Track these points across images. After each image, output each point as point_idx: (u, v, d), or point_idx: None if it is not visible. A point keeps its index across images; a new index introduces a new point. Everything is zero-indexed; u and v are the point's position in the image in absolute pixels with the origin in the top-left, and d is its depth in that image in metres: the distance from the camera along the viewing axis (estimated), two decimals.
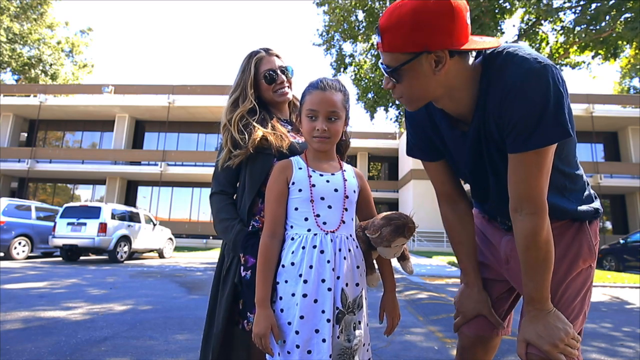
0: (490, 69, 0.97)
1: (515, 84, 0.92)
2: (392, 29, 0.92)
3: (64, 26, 30.94)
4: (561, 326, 1.01)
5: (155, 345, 2.93)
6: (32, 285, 5.76)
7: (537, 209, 0.98)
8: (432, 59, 0.93)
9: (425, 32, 0.90)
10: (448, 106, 1.06)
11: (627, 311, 5.10)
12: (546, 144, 0.92)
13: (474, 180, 1.21)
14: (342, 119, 1.23)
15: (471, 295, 1.27)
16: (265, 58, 1.53)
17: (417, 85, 0.98)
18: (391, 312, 1.28)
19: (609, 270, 11.82)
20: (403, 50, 0.93)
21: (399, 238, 1.14)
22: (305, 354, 1.08)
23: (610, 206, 21.95)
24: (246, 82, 1.49)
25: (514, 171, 0.98)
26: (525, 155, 0.95)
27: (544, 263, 1.00)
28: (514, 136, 0.95)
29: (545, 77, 0.90)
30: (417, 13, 0.89)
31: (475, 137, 1.06)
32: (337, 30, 11.96)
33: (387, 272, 1.30)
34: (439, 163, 1.22)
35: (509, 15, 9.49)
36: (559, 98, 0.91)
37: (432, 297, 5.59)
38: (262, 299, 1.12)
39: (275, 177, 1.23)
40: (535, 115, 0.91)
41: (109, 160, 21.98)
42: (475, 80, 1.00)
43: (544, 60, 0.93)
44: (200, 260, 12.44)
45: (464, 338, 1.29)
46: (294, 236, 1.18)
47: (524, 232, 1.00)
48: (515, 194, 1.00)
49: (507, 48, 0.99)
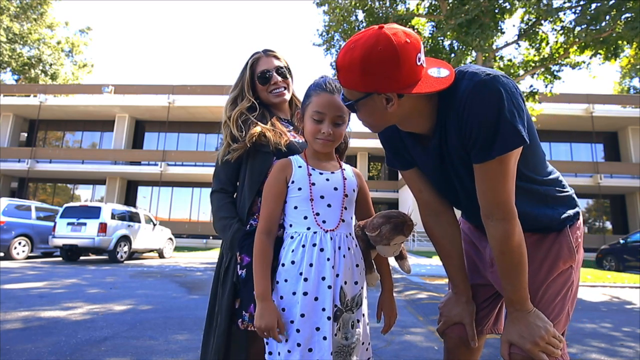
0: (446, 91, 1.01)
1: (468, 96, 0.96)
2: (345, 69, 0.97)
3: (63, 26, 30.97)
4: (541, 324, 1.04)
5: (155, 345, 2.93)
6: (32, 285, 5.76)
7: (506, 215, 1.02)
8: (382, 98, 0.98)
9: (373, 78, 0.94)
10: (409, 129, 1.12)
11: (627, 311, 5.10)
12: (506, 151, 0.95)
13: (444, 191, 1.24)
14: (346, 123, 1.24)
15: (458, 304, 1.28)
16: (263, 59, 1.54)
17: (372, 116, 1.05)
18: (388, 311, 1.29)
19: (609, 270, 11.83)
20: (356, 89, 0.99)
21: (398, 236, 1.15)
22: (306, 352, 1.08)
23: (610, 206, 21.97)
24: (244, 82, 1.52)
25: (481, 181, 1.03)
26: (488, 165, 0.98)
27: (519, 265, 1.04)
28: (476, 147, 0.98)
29: (495, 86, 0.94)
30: (365, 60, 0.92)
31: (438, 153, 1.10)
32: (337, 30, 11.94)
33: (385, 272, 1.31)
34: (412, 171, 1.25)
35: (509, 15, 9.48)
36: (513, 105, 0.94)
37: (432, 297, 5.59)
38: (262, 292, 1.12)
39: (275, 175, 1.23)
40: (491, 123, 0.94)
41: (109, 160, 21.99)
42: (432, 106, 1.05)
43: (494, 72, 0.97)
44: (200, 260, 12.44)
45: (449, 340, 1.31)
46: (293, 235, 1.18)
47: (496, 238, 1.04)
48: (484, 202, 1.05)
49: (458, 68, 1.03)
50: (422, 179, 1.25)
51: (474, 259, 1.34)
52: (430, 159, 1.13)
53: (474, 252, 1.35)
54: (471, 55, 10.98)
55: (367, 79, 0.94)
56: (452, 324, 1.29)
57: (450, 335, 1.30)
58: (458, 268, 1.26)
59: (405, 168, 1.25)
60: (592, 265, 12.86)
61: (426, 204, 1.27)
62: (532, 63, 10.75)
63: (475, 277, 1.32)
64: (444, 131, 1.05)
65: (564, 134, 22.40)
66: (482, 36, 8.87)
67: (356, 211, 1.32)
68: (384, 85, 0.95)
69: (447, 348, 1.32)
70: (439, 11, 10.72)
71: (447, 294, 1.36)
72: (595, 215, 22.32)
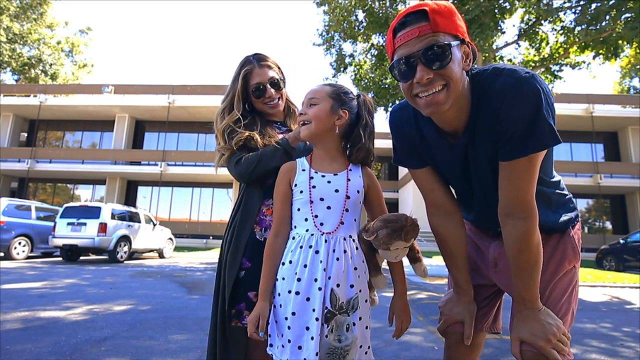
0: (481, 83, 1.02)
1: (509, 91, 0.96)
2: (443, 12, 0.95)
3: (63, 26, 30.93)
4: (552, 322, 1.05)
5: (155, 345, 2.93)
6: (32, 285, 5.76)
7: (528, 214, 1.03)
8: (464, 50, 0.99)
9: (462, 24, 0.98)
10: (448, 116, 1.06)
11: (627, 311, 5.09)
12: (539, 149, 0.97)
13: (458, 190, 1.24)
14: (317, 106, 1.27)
15: (460, 303, 1.28)
16: (255, 70, 1.51)
17: (458, 72, 0.97)
18: (400, 314, 1.26)
19: (609, 270, 11.82)
20: (454, 32, 0.96)
21: (397, 241, 1.12)
22: (295, 349, 1.11)
23: (610, 206, 21.95)
24: (234, 93, 1.50)
25: (507, 178, 1.03)
26: (518, 163, 0.99)
27: (535, 264, 1.06)
28: (510, 144, 0.98)
29: (534, 84, 0.95)
30: (454, 9, 0.98)
31: (463, 151, 1.10)
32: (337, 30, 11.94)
33: (396, 274, 1.28)
34: (426, 170, 1.23)
35: (509, 15, 9.47)
36: (548, 105, 0.96)
37: (432, 297, 5.59)
38: (262, 291, 1.19)
39: (280, 178, 1.28)
40: (529, 119, 0.95)
41: (109, 160, 21.97)
42: (467, 93, 1.04)
43: (531, 71, 0.98)
44: (200, 260, 12.45)
45: (449, 336, 1.31)
46: (294, 236, 1.22)
47: (516, 236, 1.05)
48: (506, 200, 1.05)
49: (494, 65, 1.05)
50: (434, 178, 1.24)
51: (475, 259, 1.34)
52: (455, 156, 1.13)
53: (475, 253, 1.35)
54: None
55: (461, 24, 0.97)
56: (453, 322, 1.29)
57: (450, 331, 1.30)
58: (462, 268, 1.26)
59: (420, 166, 1.24)
60: (592, 265, 12.85)
61: (436, 204, 1.26)
62: (532, 63, 10.74)
63: (475, 278, 1.32)
64: (474, 128, 1.05)
65: (564, 134, 22.17)
66: (482, 36, 8.87)
67: (368, 212, 1.32)
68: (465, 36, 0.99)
69: (447, 345, 1.33)
70: None
71: (448, 293, 1.36)
72: (595, 215, 22.31)
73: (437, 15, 0.94)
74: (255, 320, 1.15)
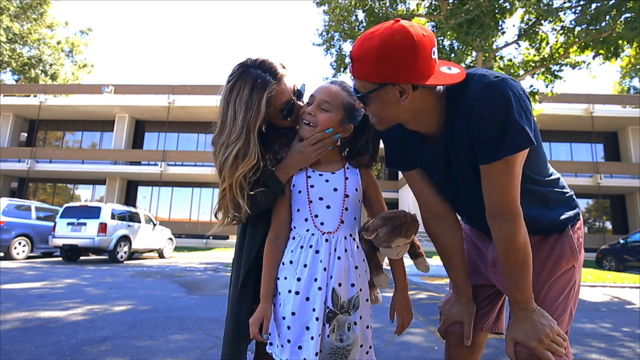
0: (454, 89, 1.03)
1: (477, 97, 0.97)
2: (360, 59, 0.97)
3: (63, 26, 30.95)
4: (545, 322, 1.05)
5: (155, 345, 2.93)
6: (32, 285, 5.76)
7: (512, 215, 1.03)
8: (396, 90, 0.99)
9: (389, 67, 0.95)
10: (416, 128, 1.12)
11: (627, 311, 5.09)
12: (513, 152, 0.97)
13: (447, 193, 1.24)
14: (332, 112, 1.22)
15: (458, 304, 1.29)
16: (278, 90, 1.20)
17: (383, 110, 1.05)
18: (401, 311, 1.26)
19: (609, 270, 11.82)
20: (370, 80, 0.99)
21: (397, 238, 1.12)
22: (295, 349, 1.11)
23: (610, 206, 21.96)
24: (252, 125, 1.15)
25: (487, 181, 1.04)
26: (495, 166, 1.00)
27: (524, 265, 1.06)
28: (484, 148, 0.99)
29: (503, 88, 0.95)
30: (383, 48, 0.93)
31: (444, 155, 1.11)
32: (337, 30, 11.94)
33: (397, 271, 1.28)
34: (416, 172, 1.24)
35: (509, 15, 9.48)
36: (521, 107, 0.96)
37: (432, 297, 5.59)
38: (264, 294, 1.19)
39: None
40: (500, 123, 0.95)
41: (109, 160, 21.98)
42: (441, 105, 1.06)
43: (502, 75, 0.99)
44: (200, 260, 12.44)
45: (450, 337, 1.32)
46: (295, 236, 1.22)
47: (502, 238, 1.06)
48: (490, 203, 1.06)
49: (467, 70, 1.05)
50: (423, 180, 1.24)
51: (475, 259, 1.35)
52: (437, 160, 1.14)
53: (474, 253, 1.35)
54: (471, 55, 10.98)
55: (383, 69, 0.95)
56: (453, 322, 1.29)
57: (451, 331, 1.30)
58: (459, 269, 1.26)
59: (409, 169, 1.25)
60: (592, 265, 12.85)
61: (427, 205, 1.26)
62: (532, 63, 10.75)
63: (475, 278, 1.32)
64: (452, 131, 1.06)
65: (564, 134, 22.39)
66: (482, 36, 8.87)
67: (368, 210, 1.32)
68: (399, 76, 0.96)
69: (447, 345, 1.33)
70: (439, 11, 10.72)
71: (448, 293, 1.36)
72: (595, 215, 22.31)
73: (357, 62, 0.98)
74: (258, 322, 1.15)
